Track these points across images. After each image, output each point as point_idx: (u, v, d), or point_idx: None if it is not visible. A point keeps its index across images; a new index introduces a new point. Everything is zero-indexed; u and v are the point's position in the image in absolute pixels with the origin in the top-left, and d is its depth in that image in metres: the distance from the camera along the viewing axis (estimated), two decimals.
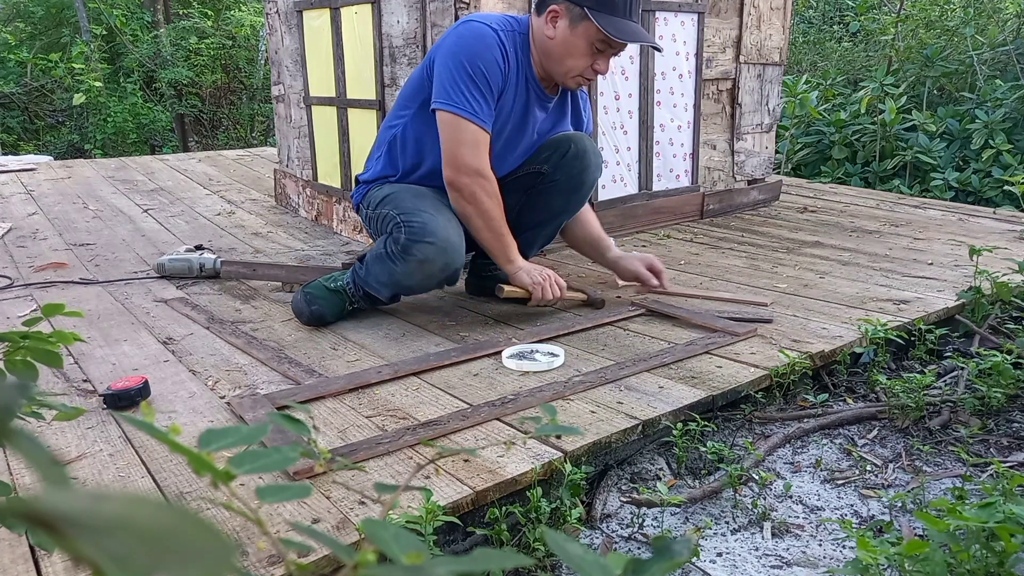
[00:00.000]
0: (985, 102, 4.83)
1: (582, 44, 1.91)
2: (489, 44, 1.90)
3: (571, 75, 1.96)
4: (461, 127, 1.89)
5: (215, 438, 0.35)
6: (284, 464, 0.34)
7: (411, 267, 1.92)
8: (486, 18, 1.96)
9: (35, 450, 0.24)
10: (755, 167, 3.61)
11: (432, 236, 1.89)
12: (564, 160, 2.11)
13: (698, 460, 1.51)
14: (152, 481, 1.28)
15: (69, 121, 8.91)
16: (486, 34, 1.90)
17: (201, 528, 0.19)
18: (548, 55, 1.96)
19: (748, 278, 2.47)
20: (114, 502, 0.19)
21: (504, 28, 1.95)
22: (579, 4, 1.88)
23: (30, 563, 1.07)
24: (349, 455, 1.33)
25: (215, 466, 0.30)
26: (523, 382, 1.67)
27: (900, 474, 1.49)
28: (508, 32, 1.96)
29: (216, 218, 3.65)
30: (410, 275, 1.94)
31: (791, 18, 3.56)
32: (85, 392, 1.66)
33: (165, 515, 0.19)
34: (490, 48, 1.90)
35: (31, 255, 2.92)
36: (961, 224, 3.24)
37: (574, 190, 2.15)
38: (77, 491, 0.20)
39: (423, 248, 1.90)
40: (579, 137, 2.14)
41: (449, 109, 1.88)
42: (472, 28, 1.91)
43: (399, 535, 0.29)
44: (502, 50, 1.92)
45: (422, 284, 2.01)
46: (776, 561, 1.22)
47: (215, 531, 0.20)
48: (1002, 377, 1.69)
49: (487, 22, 1.93)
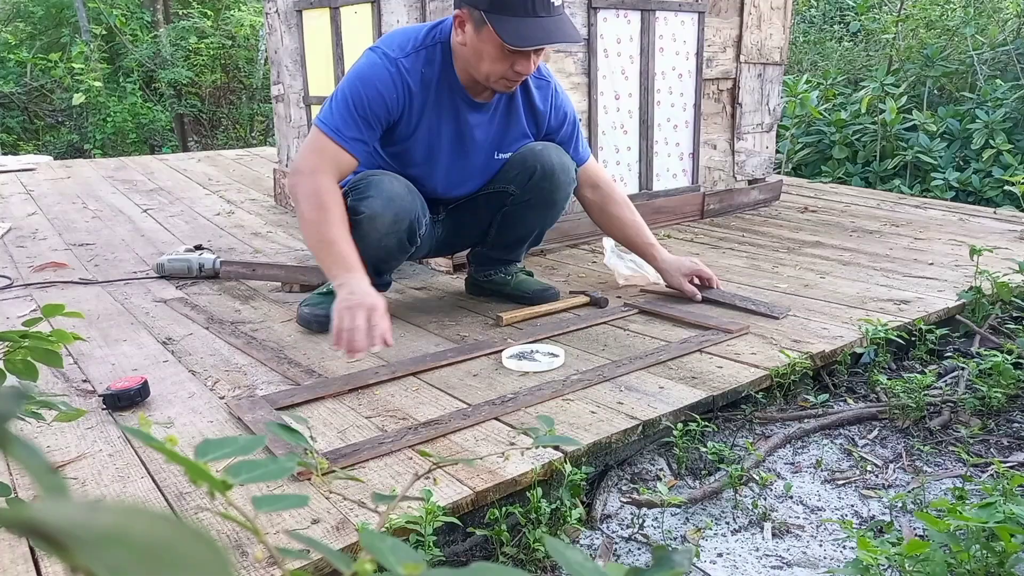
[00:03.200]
0: (985, 102, 4.82)
1: (491, 49, 1.81)
2: (376, 78, 1.86)
3: (492, 80, 1.87)
4: (316, 138, 1.86)
5: (212, 448, 0.35)
6: (281, 474, 0.34)
7: (363, 228, 1.90)
8: (392, 44, 1.90)
9: (31, 457, 0.24)
10: (755, 167, 3.61)
11: (374, 190, 1.89)
12: (531, 182, 2.07)
13: (698, 460, 1.51)
14: (151, 481, 1.28)
15: (69, 121, 8.91)
16: (376, 68, 1.87)
17: (197, 539, 0.19)
18: (466, 61, 1.89)
19: (749, 278, 2.47)
20: (110, 512, 0.19)
21: (415, 48, 1.90)
22: (476, 7, 1.79)
23: (30, 563, 1.07)
24: (351, 455, 1.33)
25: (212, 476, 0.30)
26: (522, 382, 1.67)
27: (900, 474, 1.49)
28: (421, 50, 1.90)
29: (215, 218, 3.65)
30: (365, 237, 1.90)
31: (791, 18, 3.56)
32: (85, 392, 1.66)
33: (161, 526, 0.19)
34: (374, 83, 1.86)
35: (31, 255, 2.92)
36: (961, 224, 3.24)
37: (547, 208, 2.13)
38: (73, 501, 0.20)
39: (368, 203, 1.89)
40: (545, 155, 2.06)
41: (316, 125, 1.88)
42: (366, 62, 1.89)
43: (396, 546, 0.29)
44: (399, 79, 1.87)
45: (381, 244, 1.95)
46: (776, 561, 1.22)
47: (211, 542, 0.20)
48: (1002, 377, 1.69)
49: (389, 50, 1.88)
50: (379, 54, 1.89)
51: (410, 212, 1.94)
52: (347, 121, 1.85)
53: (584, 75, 2.81)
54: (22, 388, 0.82)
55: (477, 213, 2.18)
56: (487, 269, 2.28)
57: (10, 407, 0.27)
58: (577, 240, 2.94)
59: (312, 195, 1.80)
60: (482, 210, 2.17)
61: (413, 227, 1.97)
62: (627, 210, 2.22)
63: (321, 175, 1.82)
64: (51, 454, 1.39)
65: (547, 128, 2.13)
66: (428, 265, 2.68)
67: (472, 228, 2.22)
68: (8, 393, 0.28)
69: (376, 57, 1.89)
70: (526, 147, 2.10)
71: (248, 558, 1.06)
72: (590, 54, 2.80)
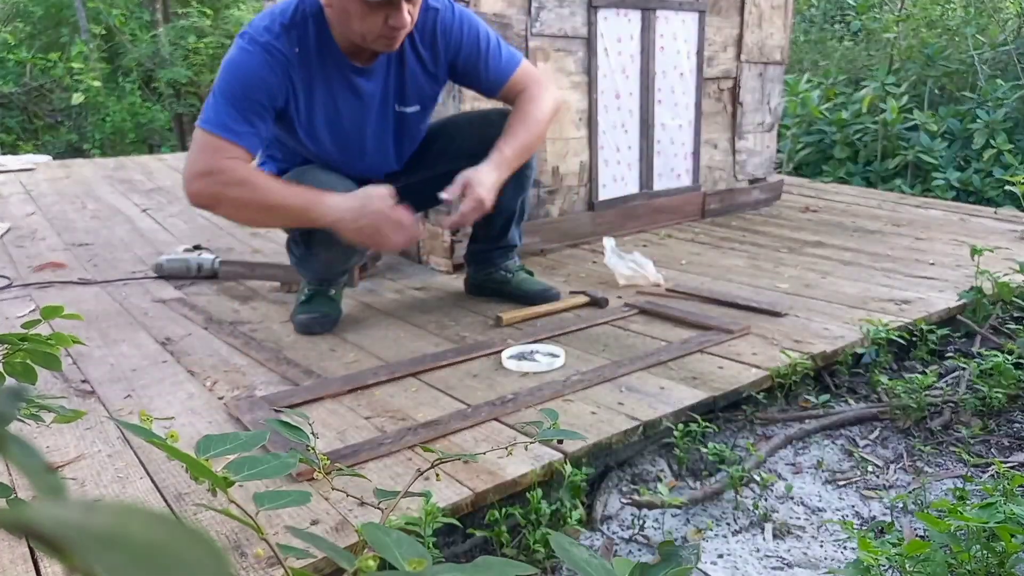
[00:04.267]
0: (986, 102, 4.82)
1: (355, 5, 1.70)
2: (250, 66, 1.76)
3: (370, 40, 1.76)
4: (203, 140, 1.73)
5: (214, 444, 0.35)
6: (283, 471, 0.34)
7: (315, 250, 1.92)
8: (259, 28, 1.78)
9: (28, 459, 0.24)
10: (756, 166, 3.61)
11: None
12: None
13: (699, 461, 1.50)
14: (151, 482, 1.28)
15: (68, 121, 8.90)
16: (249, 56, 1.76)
17: (196, 539, 0.19)
18: (337, 25, 1.78)
19: (750, 278, 2.46)
20: (108, 514, 0.19)
21: (283, 28, 1.78)
22: None
23: (30, 563, 1.07)
24: (351, 456, 1.32)
25: (214, 472, 0.30)
26: (522, 382, 1.67)
27: (901, 475, 1.48)
28: (291, 29, 1.79)
29: (214, 218, 3.64)
30: (314, 258, 1.92)
31: (792, 17, 3.56)
32: (83, 393, 1.66)
33: (159, 526, 0.19)
34: (250, 72, 1.75)
35: (30, 255, 2.92)
36: (962, 224, 3.24)
37: (515, 176, 1.97)
38: (71, 502, 0.20)
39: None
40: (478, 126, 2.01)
41: (200, 126, 1.74)
42: (237, 54, 1.77)
43: (401, 540, 0.29)
44: (274, 63, 1.77)
45: (333, 262, 1.97)
46: (777, 562, 1.22)
47: (210, 542, 0.20)
48: (1003, 377, 1.69)
49: (258, 36, 1.77)
50: (247, 41, 1.77)
51: None
52: (232, 115, 1.72)
53: (584, 74, 2.81)
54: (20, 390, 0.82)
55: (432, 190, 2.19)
56: (487, 268, 2.27)
57: (8, 409, 0.26)
58: (577, 240, 2.94)
59: (228, 178, 1.69)
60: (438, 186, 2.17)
61: None
62: (516, 118, 1.94)
63: (217, 165, 1.70)
64: (50, 455, 1.39)
65: (452, 58, 1.96)
66: (428, 265, 2.68)
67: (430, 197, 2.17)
68: (6, 394, 0.28)
69: (246, 45, 1.77)
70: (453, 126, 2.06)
71: (247, 558, 1.06)
72: (590, 53, 2.80)
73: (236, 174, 1.70)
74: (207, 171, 1.71)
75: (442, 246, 2.61)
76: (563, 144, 2.81)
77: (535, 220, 2.75)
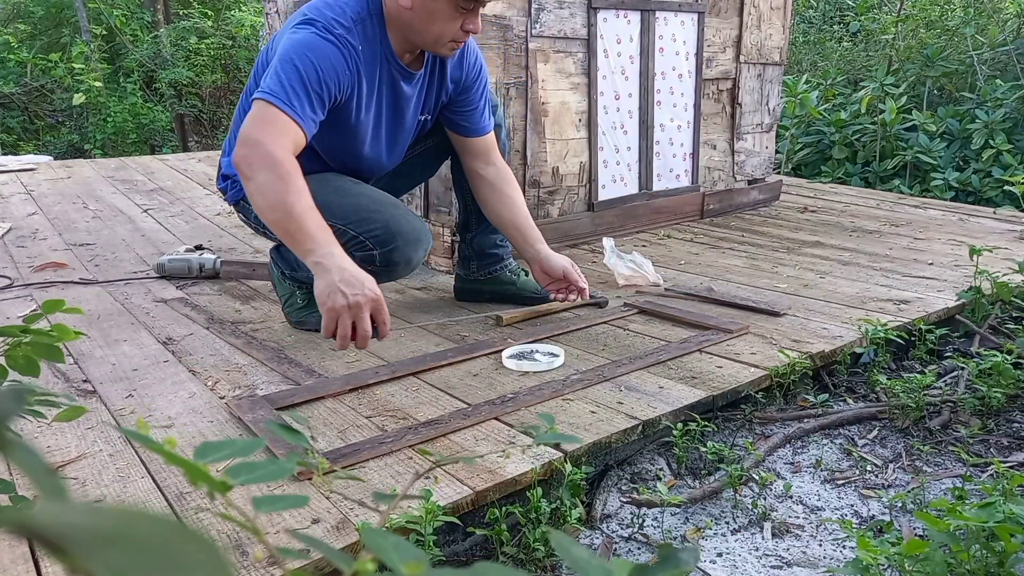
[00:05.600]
0: (985, 102, 4.82)
1: (444, 6, 1.72)
2: (329, 54, 1.73)
3: (442, 42, 1.78)
4: (265, 110, 1.67)
5: (211, 450, 0.35)
6: (281, 475, 0.34)
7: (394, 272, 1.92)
8: (328, 18, 1.75)
9: (30, 459, 0.24)
10: (755, 167, 3.61)
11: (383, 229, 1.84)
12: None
13: (698, 460, 1.51)
14: (152, 481, 1.28)
15: (69, 121, 8.90)
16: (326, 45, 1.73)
17: (197, 541, 0.19)
18: (409, 27, 1.78)
19: (748, 278, 2.47)
20: (110, 515, 0.19)
21: (352, 23, 1.77)
22: None
23: (30, 563, 1.07)
24: (351, 455, 1.33)
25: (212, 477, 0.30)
26: (522, 382, 1.67)
27: (900, 474, 1.49)
28: (358, 25, 1.78)
29: (216, 218, 3.65)
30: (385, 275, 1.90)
31: (791, 18, 3.56)
32: (85, 392, 1.66)
33: (161, 528, 0.19)
34: (328, 59, 1.72)
35: (31, 255, 2.92)
36: (961, 224, 3.24)
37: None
38: (72, 504, 0.20)
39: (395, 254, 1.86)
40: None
41: (263, 97, 1.68)
42: (313, 37, 1.73)
43: (399, 544, 0.29)
44: (350, 58, 1.76)
45: (391, 272, 1.96)
46: (776, 561, 1.22)
47: (211, 543, 0.20)
48: (1002, 377, 1.69)
49: (332, 26, 1.74)
50: (320, 29, 1.74)
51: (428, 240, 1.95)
52: (299, 96, 1.68)
53: (584, 75, 2.81)
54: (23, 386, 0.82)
55: (413, 173, 2.18)
56: (491, 265, 2.25)
57: (11, 407, 0.27)
58: (577, 240, 2.94)
59: (273, 164, 1.61)
60: (417, 170, 2.18)
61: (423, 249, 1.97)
62: (519, 194, 2.11)
63: (278, 146, 1.64)
64: (51, 454, 1.39)
65: (465, 82, 2.01)
66: (428, 265, 2.68)
67: (410, 180, 2.26)
68: (9, 392, 0.28)
69: (320, 32, 1.73)
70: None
71: (248, 558, 1.06)
72: (590, 54, 2.80)
73: (284, 167, 1.62)
74: (264, 143, 1.63)
75: (442, 246, 2.61)
76: (563, 145, 2.82)
77: (535, 220, 2.74)
